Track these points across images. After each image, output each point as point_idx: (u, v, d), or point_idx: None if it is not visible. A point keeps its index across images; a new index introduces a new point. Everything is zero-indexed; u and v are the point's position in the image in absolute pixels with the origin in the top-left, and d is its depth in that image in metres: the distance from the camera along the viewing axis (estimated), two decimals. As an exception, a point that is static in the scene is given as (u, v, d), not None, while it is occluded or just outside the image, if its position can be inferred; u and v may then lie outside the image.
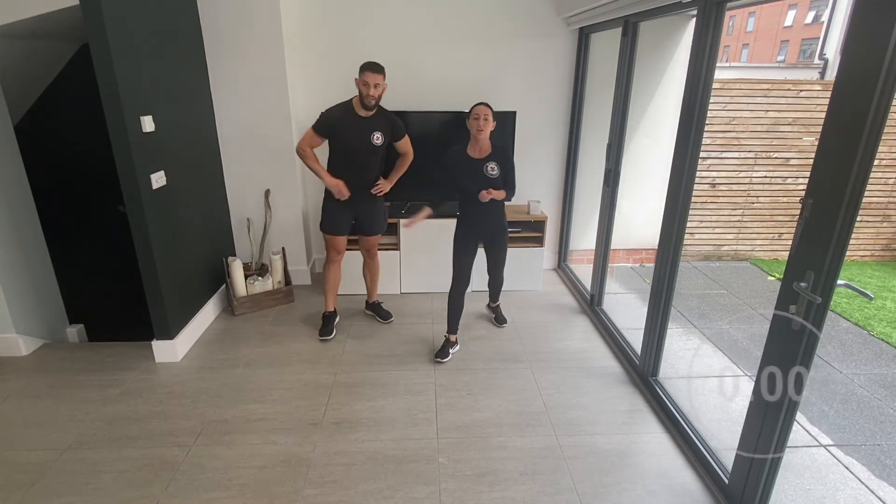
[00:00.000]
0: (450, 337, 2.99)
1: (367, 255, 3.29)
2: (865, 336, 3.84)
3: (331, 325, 3.21)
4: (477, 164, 2.71)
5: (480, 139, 2.68)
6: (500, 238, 2.95)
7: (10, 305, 2.85)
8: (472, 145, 2.74)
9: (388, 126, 2.86)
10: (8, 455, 2.19)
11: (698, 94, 2.13)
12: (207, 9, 3.24)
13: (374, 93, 2.68)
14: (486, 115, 2.62)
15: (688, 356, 3.34)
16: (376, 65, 2.68)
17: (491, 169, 2.70)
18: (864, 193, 1.37)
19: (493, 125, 2.68)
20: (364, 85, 2.67)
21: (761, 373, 1.73)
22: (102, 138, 2.53)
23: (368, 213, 3.06)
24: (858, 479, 2.30)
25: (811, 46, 20.33)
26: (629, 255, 4.63)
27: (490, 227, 2.90)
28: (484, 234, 2.93)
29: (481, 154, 2.72)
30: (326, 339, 3.15)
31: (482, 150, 2.72)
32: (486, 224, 2.87)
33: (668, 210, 2.37)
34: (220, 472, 2.10)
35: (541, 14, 3.67)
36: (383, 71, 2.70)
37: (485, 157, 2.72)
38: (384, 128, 2.84)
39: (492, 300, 3.39)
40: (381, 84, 2.69)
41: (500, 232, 2.93)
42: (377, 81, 2.67)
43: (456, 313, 2.96)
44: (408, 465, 2.15)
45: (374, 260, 3.31)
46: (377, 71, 2.67)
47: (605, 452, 2.24)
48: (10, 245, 2.86)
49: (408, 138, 3.00)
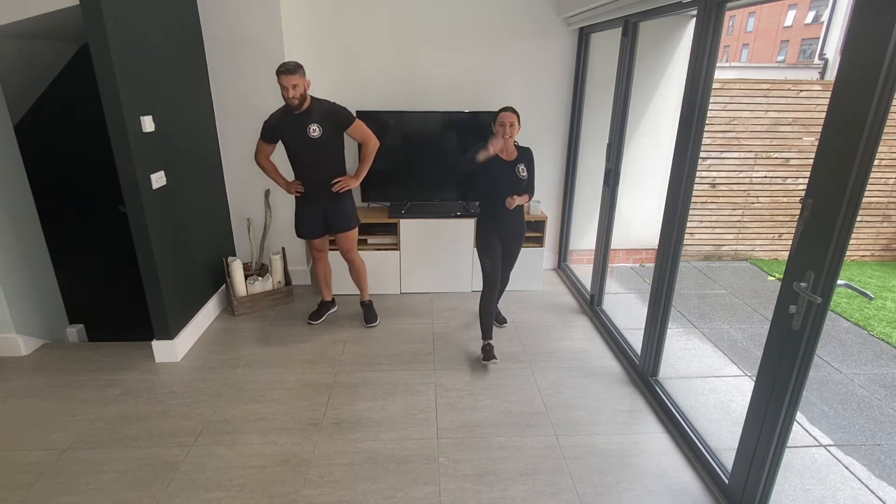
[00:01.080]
0: (488, 343, 2.92)
1: (345, 258, 3.25)
2: (865, 336, 3.84)
3: (322, 312, 3.29)
4: (508, 166, 2.75)
5: (508, 143, 2.72)
6: (518, 240, 2.97)
7: (10, 305, 2.85)
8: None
9: (323, 117, 2.83)
10: (8, 455, 2.19)
11: (698, 94, 2.13)
12: (207, 9, 3.24)
13: (294, 94, 2.68)
14: (511, 122, 2.65)
15: (688, 356, 3.34)
16: (288, 67, 2.65)
17: (521, 171, 2.75)
18: (864, 193, 1.37)
19: (519, 129, 2.71)
20: (282, 88, 2.68)
21: (761, 373, 1.73)
22: (102, 138, 2.53)
23: (333, 210, 3.05)
24: (858, 479, 2.30)
25: (811, 46, 20.33)
26: (629, 255, 4.63)
27: (513, 229, 2.91)
28: (506, 235, 2.91)
29: (509, 157, 2.76)
30: (312, 324, 3.26)
31: (509, 152, 2.76)
32: (511, 226, 2.89)
33: (668, 210, 2.37)
34: (220, 472, 2.10)
35: (541, 14, 3.67)
36: (297, 70, 2.68)
37: (514, 159, 2.76)
38: (319, 119, 2.82)
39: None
40: (298, 84, 2.68)
41: (520, 233, 2.96)
42: (293, 83, 2.66)
43: (490, 318, 2.93)
44: (408, 465, 2.15)
45: (352, 262, 3.26)
46: (290, 72, 2.65)
47: (605, 452, 2.24)
48: (10, 245, 2.86)
49: (361, 124, 2.93)
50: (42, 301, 3.09)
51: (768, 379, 1.70)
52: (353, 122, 2.91)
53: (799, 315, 1.54)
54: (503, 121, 2.66)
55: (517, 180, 2.75)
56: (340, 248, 3.21)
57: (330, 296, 3.40)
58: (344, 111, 2.89)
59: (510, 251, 3.00)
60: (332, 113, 2.86)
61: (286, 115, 2.83)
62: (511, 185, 2.75)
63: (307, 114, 2.81)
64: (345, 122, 2.90)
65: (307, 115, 2.81)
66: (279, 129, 2.86)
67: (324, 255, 3.27)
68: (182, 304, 3.03)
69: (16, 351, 2.92)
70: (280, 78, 2.66)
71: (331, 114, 2.86)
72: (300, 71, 2.70)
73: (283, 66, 2.66)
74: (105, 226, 3.70)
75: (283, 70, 2.66)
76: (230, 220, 3.74)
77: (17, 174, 2.92)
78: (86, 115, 3.18)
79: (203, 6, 3.23)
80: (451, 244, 3.72)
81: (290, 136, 2.87)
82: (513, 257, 3.04)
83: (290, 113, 2.80)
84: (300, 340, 3.14)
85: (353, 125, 2.91)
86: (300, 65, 2.71)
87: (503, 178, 2.75)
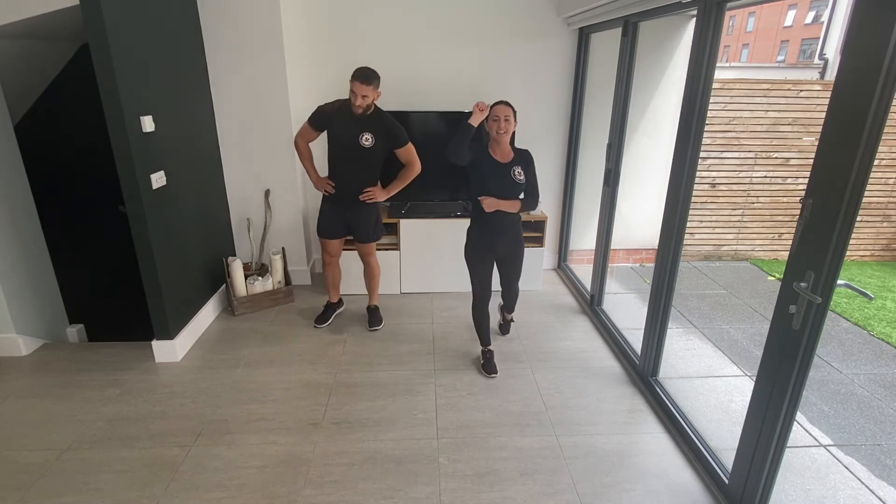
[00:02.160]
0: (487, 349, 2.86)
1: (362, 259, 3.27)
2: (865, 336, 3.84)
3: (328, 315, 3.27)
4: (503, 168, 2.52)
5: (502, 142, 2.50)
6: (515, 252, 2.73)
7: (10, 305, 2.85)
8: (493, 147, 2.54)
9: (381, 130, 2.79)
10: (8, 455, 2.19)
11: (698, 94, 2.13)
12: (207, 9, 3.24)
13: (361, 103, 2.64)
14: (506, 116, 2.44)
15: (688, 356, 3.33)
16: (366, 74, 2.59)
17: (518, 173, 2.52)
18: (864, 193, 1.37)
19: (515, 125, 2.50)
20: (352, 94, 2.64)
21: (761, 373, 1.73)
22: (102, 138, 2.53)
23: (358, 220, 3.02)
24: (858, 479, 2.30)
25: (811, 46, 20.33)
26: (629, 255, 4.63)
27: (508, 241, 2.67)
28: (500, 247, 2.68)
29: (504, 158, 2.54)
30: (318, 327, 3.21)
31: (504, 153, 2.54)
32: (505, 236, 2.64)
33: (668, 210, 2.37)
34: (220, 472, 2.10)
35: (541, 14, 3.67)
36: (373, 81, 2.62)
37: (509, 161, 2.54)
38: (377, 130, 2.78)
39: (506, 309, 3.14)
40: (368, 95, 2.63)
41: (516, 245, 2.71)
42: (364, 93, 2.61)
43: (484, 326, 2.83)
44: (408, 465, 2.15)
45: (368, 265, 3.26)
46: (365, 81, 2.59)
47: (605, 452, 2.24)
48: (10, 245, 2.86)
49: (412, 148, 2.89)
50: (42, 301, 3.09)
51: (768, 379, 1.70)
52: (406, 144, 2.87)
53: (799, 315, 1.54)
54: (497, 114, 2.45)
55: (512, 184, 2.51)
56: (359, 251, 3.21)
57: (336, 297, 3.37)
58: (401, 132, 2.84)
59: (509, 264, 2.78)
60: (390, 129, 2.81)
61: (343, 111, 2.75)
62: (504, 188, 2.51)
63: (366, 120, 2.75)
64: (399, 142, 2.85)
65: (365, 122, 2.75)
66: (331, 122, 2.79)
67: (335, 260, 3.22)
68: (182, 304, 3.03)
69: (16, 351, 2.92)
70: (353, 83, 2.60)
71: (388, 130, 2.81)
72: (375, 83, 2.64)
73: (361, 73, 2.59)
74: (105, 226, 3.70)
75: (360, 76, 2.59)
76: (230, 220, 3.74)
77: (17, 174, 2.92)
78: (86, 116, 3.18)
79: (203, 6, 3.23)
80: (451, 244, 3.71)
81: (339, 134, 2.80)
82: (514, 269, 2.81)
83: (348, 111, 2.73)
84: (300, 340, 3.14)
85: (405, 147, 2.87)
86: (377, 76, 2.65)
87: (495, 180, 2.52)
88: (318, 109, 2.83)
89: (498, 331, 3.27)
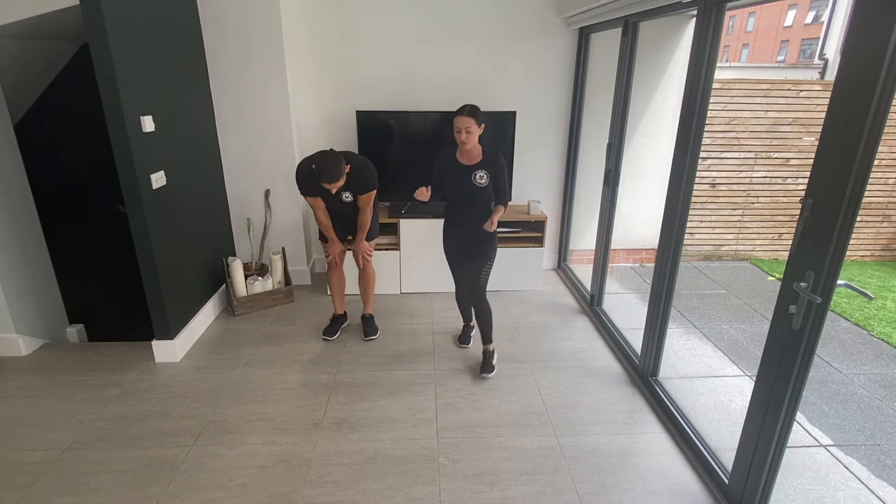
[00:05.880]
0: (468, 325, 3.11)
1: (358, 264, 3.17)
2: (865, 336, 3.84)
3: (336, 327, 3.21)
4: (465, 170, 2.56)
5: (465, 150, 2.54)
6: (475, 252, 2.68)
7: (10, 305, 2.85)
8: (460, 151, 2.59)
9: (353, 185, 2.79)
10: (8, 455, 2.19)
11: (698, 94, 2.13)
12: (207, 9, 3.24)
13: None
14: (467, 128, 2.43)
15: (688, 356, 3.33)
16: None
17: (479, 177, 2.53)
18: (864, 193, 1.37)
19: (481, 130, 2.49)
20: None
21: (761, 373, 1.73)
22: (102, 138, 2.53)
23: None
24: (858, 479, 2.30)
25: (811, 46, 20.33)
26: (629, 255, 4.63)
27: (469, 238, 2.67)
28: (462, 243, 2.72)
29: (470, 161, 2.56)
30: (327, 339, 3.15)
31: (471, 157, 2.57)
32: (467, 233, 2.67)
33: (668, 210, 2.37)
34: (220, 472, 2.10)
35: (541, 14, 3.67)
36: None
37: (474, 164, 2.55)
38: (350, 188, 2.80)
39: (482, 339, 2.86)
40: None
41: (476, 244, 2.67)
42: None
43: (465, 309, 3.04)
44: (408, 465, 2.15)
45: (364, 270, 3.18)
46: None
47: (605, 452, 2.24)
48: (10, 245, 2.86)
49: (370, 195, 2.88)
50: (42, 301, 3.09)
51: (768, 379, 1.70)
52: (371, 190, 2.86)
53: (799, 315, 1.54)
54: (458, 126, 2.44)
55: (472, 187, 2.54)
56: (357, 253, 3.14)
57: (342, 309, 3.29)
58: (369, 177, 2.82)
59: (471, 256, 2.71)
60: (359, 179, 2.79)
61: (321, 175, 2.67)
62: (465, 190, 2.57)
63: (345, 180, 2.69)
64: (364, 189, 2.84)
65: (345, 182, 2.71)
66: (316, 189, 2.77)
67: (340, 267, 3.19)
68: (182, 304, 3.03)
69: (16, 351, 2.92)
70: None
71: (357, 180, 2.79)
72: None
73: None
74: (105, 226, 3.70)
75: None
76: (230, 220, 3.74)
77: (17, 174, 2.92)
78: (86, 116, 3.18)
79: (203, 6, 3.23)
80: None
81: (326, 198, 2.87)
82: (476, 263, 2.70)
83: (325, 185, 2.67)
84: (300, 340, 3.14)
85: (367, 194, 2.87)
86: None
87: (456, 181, 2.58)
88: (298, 177, 2.80)
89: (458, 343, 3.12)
